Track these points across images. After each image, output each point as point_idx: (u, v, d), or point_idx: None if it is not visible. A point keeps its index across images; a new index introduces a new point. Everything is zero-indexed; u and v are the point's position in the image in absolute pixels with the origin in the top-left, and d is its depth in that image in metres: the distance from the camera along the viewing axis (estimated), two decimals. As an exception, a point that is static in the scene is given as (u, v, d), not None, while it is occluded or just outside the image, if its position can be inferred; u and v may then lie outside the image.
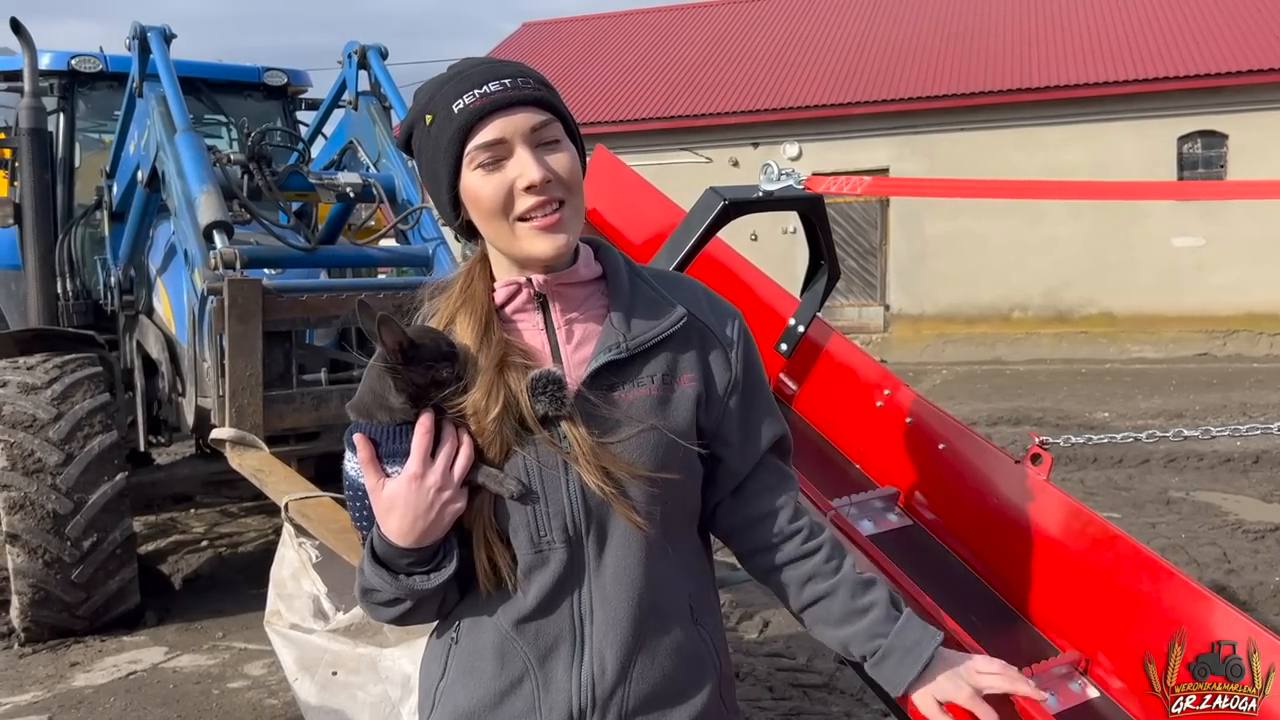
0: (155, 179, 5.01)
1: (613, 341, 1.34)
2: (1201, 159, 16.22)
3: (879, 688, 1.49)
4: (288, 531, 2.92)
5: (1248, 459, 8.07)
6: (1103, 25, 18.02)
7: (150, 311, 5.61)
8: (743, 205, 2.27)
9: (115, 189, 5.82)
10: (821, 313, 2.60)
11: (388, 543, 1.31)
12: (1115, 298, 16.39)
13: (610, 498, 1.31)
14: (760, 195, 2.30)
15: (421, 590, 1.32)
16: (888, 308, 17.90)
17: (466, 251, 1.54)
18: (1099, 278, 16.36)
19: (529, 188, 1.29)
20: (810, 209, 2.41)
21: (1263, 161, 15.31)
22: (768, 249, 12.94)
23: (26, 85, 5.61)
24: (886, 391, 2.37)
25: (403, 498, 1.28)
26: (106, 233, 6.02)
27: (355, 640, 2.57)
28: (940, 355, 16.70)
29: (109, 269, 5.97)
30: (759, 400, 1.46)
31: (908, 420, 2.29)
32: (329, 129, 6.06)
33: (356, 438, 1.31)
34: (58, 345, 5.40)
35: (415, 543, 1.30)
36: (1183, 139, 16.17)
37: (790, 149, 17.89)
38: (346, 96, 5.64)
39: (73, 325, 5.96)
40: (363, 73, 5.51)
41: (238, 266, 4.14)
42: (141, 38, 5.13)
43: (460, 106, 1.29)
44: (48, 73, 6.10)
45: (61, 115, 6.24)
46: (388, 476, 1.30)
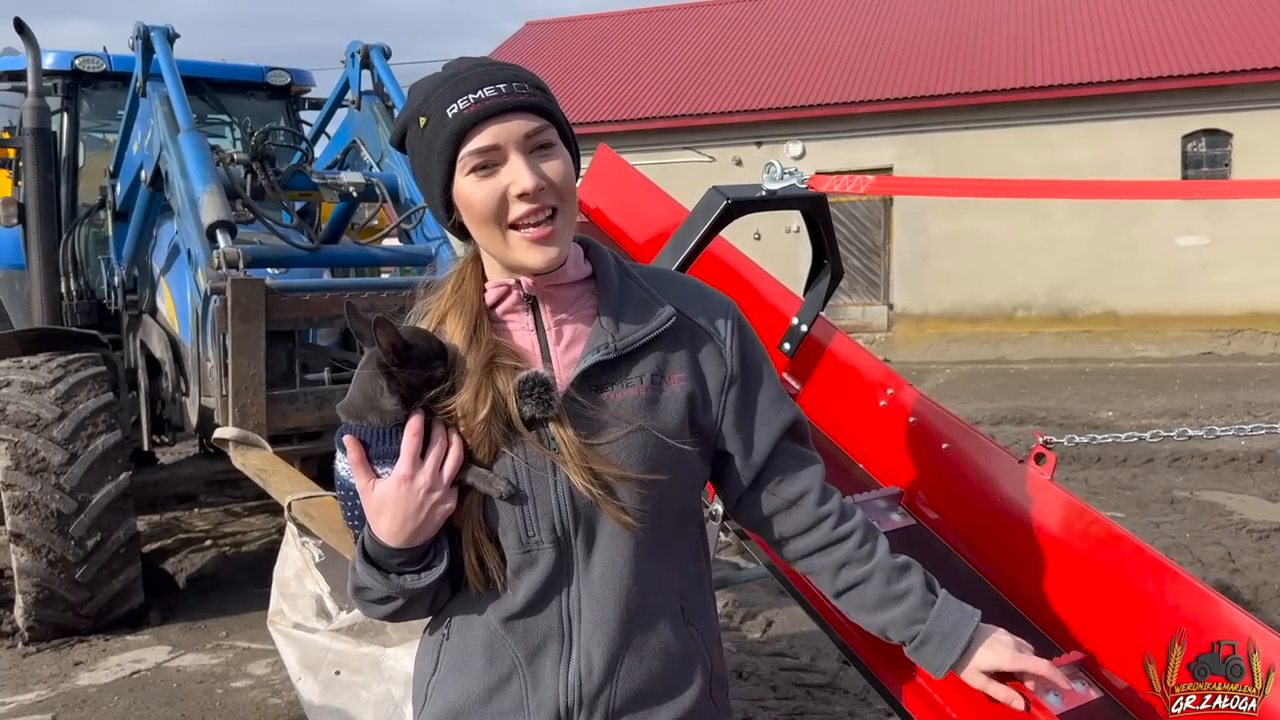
0: (159, 179, 5.02)
1: (601, 342, 1.34)
2: (1206, 158, 16.20)
3: (881, 688, 1.49)
4: (291, 531, 2.92)
5: (1252, 458, 8.06)
6: (1107, 24, 18.00)
7: (154, 311, 5.62)
8: (746, 204, 2.27)
9: (119, 189, 5.83)
10: (825, 312, 2.60)
11: (379, 543, 1.32)
12: (1119, 297, 16.37)
13: (598, 499, 1.31)
14: (763, 194, 2.29)
15: (412, 589, 1.33)
16: (891, 307, 17.88)
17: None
18: (1103, 277, 16.34)
19: (522, 195, 1.28)
20: (813, 208, 2.40)
21: (1267, 160, 15.29)
22: (771, 248, 12.94)
23: (30, 85, 5.62)
24: (890, 391, 2.36)
25: (393, 499, 1.29)
26: (110, 232, 6.04)
27: (358, 640, 2.56)
28: (944, 354, 16.68)
29: (113, 268, 5.98)
30: (761, 389, 1.44)
31: (911, 420, 2.28)
32: (332, 128, 6.07)
33: (347, 439, 1.32)
34: (62, 345, 5.41)
35: (406, 543, 1.30)
36: (1187, 138, 16.15)
37: (794, 148, 17.88)
38: (349, 96, 5.66)
39: (76, 325, 5.98)
40: (366, 72, 5.53)
41: (241, 266, 4.15)
42: (145, 37, 5.15)
43: (454, 111, 1.28)
44: (51, 72, 6.11)
45: (65, 115, 6.25)
46: (378, 477, 1.30)
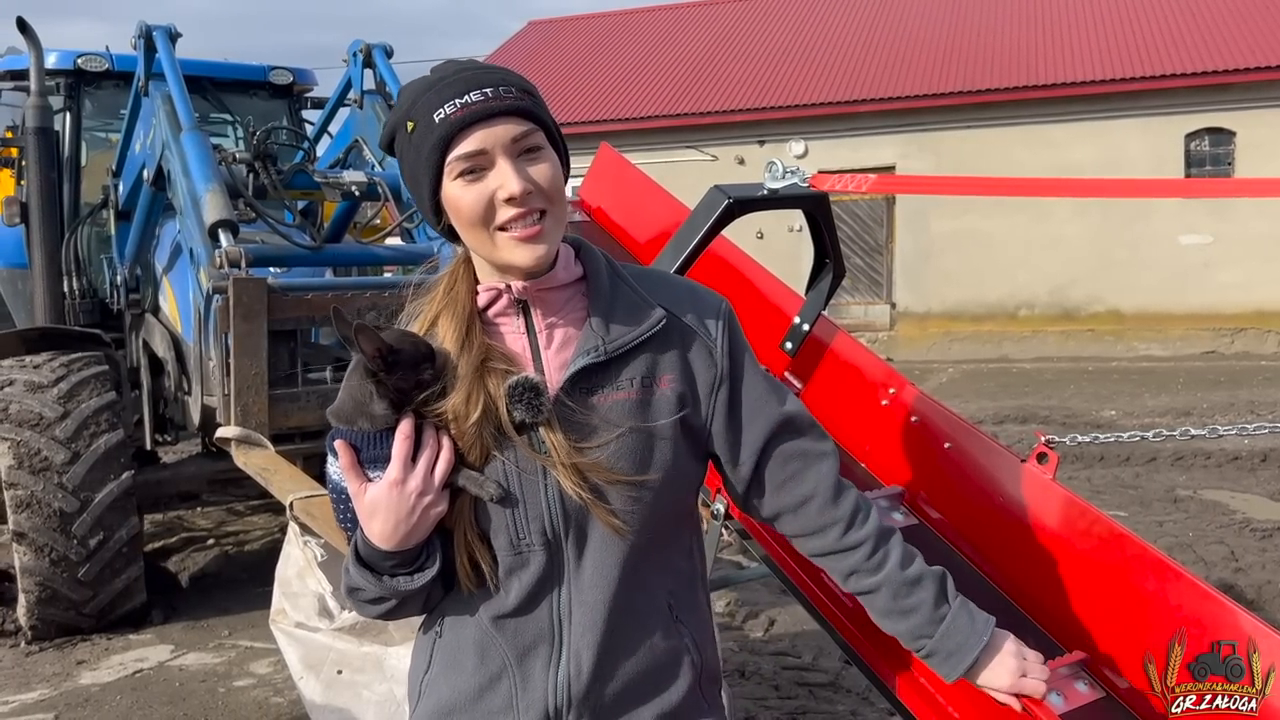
0: (161, 178, 5.02)
1: (591, 345, 1.34)
2: (1209, 156, 16.18)
3: (883, 687, 1.49)
4: (293, 530, 2.92)
5: (1255, 457, 8.04)
6: (1109, 23, 17.97)
7: (156, 310, 5.62)
8: (747, 203, 2.27)
9: (121, 188, 5.83)
10: (827, 311, 2.59)
11: (371, 545, 1.32)
12: (1122, 295, 16.35)
13: (588, 503, 1.31)
14: (765, 193, 2.29)
15: (405, 590, 1.34)
16: (893, 306, 17.87)
17: None
18: (1106, 275, 16.33)
19: (509, 199, 1.28)
20: (815, 207, 2.40)
21: (1270, 159, 15.27)
22: (773, 247, 12.91)
23: (33, 84, 5.63)
24: (892, 390, 2.36)
25: (384, 503, 1.29)
26: (112, 231, 6.04)
27: (360, 639, 2.56)
28: (946, 353, 16.66)
29: (115, 268, 5.99)
30: (751, 388, 1.43)
31: (913, 419, 2.28)
32: (334, 127, 6.07)
33: (338, 444, 1.32)
34: (64, 344, 5.41)
35: (398, 545, 1.31)
36: (1190, 136, 16.13)
37: (796, 147, 17.88)
38: (352, 95, 5.66)
39: (79, 324, 5.98)
40: (368, 71, 5.53)
41: (243, 265, 4.15)
42: (147, 37, 5.15)
43: (441, 116, 1.28)
44: (54, 72, 6.11)
45: (68, 114, 6.26)
46: (370, 481, 1.31)
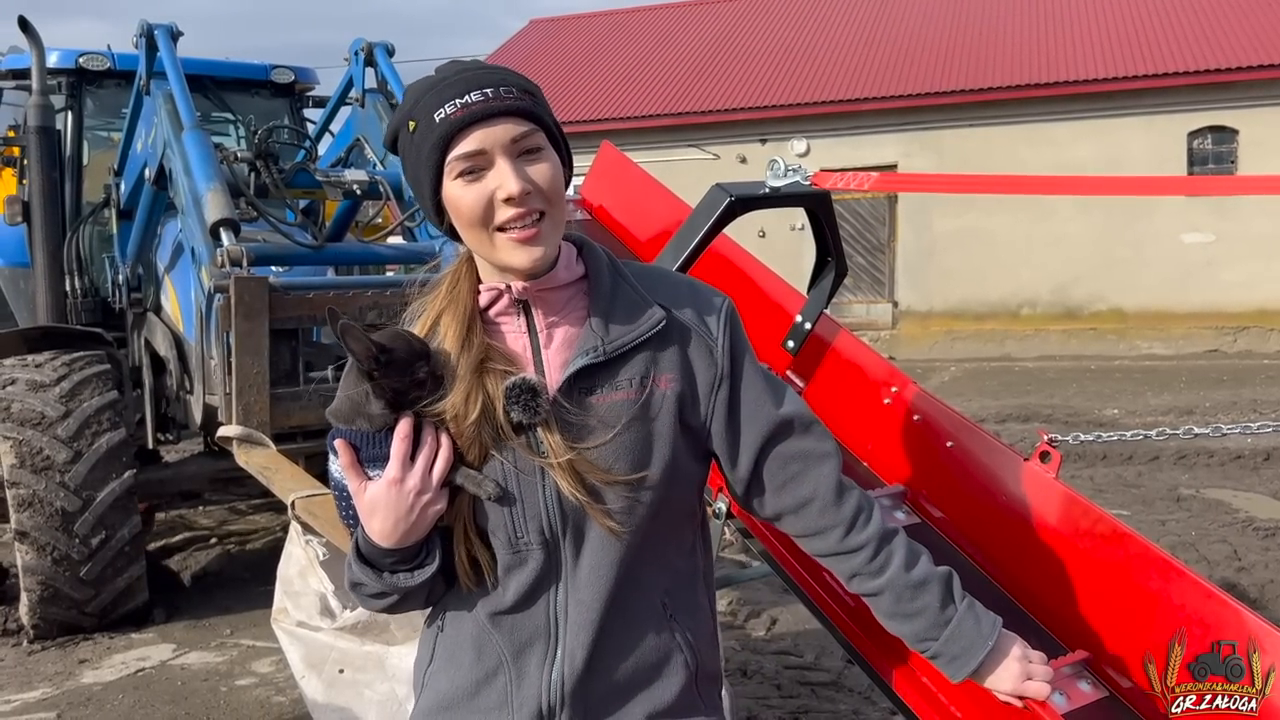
0: (162, 177, 5.02)
1: (590, 345, 1.34)
2: (1211, 154, 16.16)
3: (885, 686, 1.48)
4: (295, 529, 2.92)
5: (1258, 456, 8.03)
6: (1112, 21, 17.95)
7: (158, 309, 5.62)
8: (749, 202, 2.26)
9: (123, 187, 5.84)
10: (829, 309, 2.59)
11: (372, 543, 1.34)
12: (1125, 294, 16.34)
13: (584, 504, 1.31)
14: (767, 192, 2.29)
15: (405, 586, 1.36)
16: (896, 304, 17.86)
17: None
18: (1108, 274, 16.31)
19: (508, 200, 1.29)
20: (817, 205, 2.39)
21: (1273, 156, 15.24)
22: (775, 245, 12.89)
23: (35, 83, 5.63)
24: (894, 389, 2.35)
25: (384, 502, 1.30)
26: (114, 230, 6.05)
27: (362, 638, 2.56)
28: (948, 352, 16.65)
29: (117, 267, 5.99)
30: (751, 388, 1.43)
31: (915, 417, 2.28)
32: (336, 126, 6.07)
33: (338, 443, 1.33)
34: (66, 343, 5.40)
35: (398, 543, 1.32)
36: (1193, 134, 16.11)
37: (798, 145, 17.86)
38: (353, 94, 5.66)
39: (81, 323, 5.98)
40: (369, 70, 5.52)
41: (244, 264, 4.15)
42: (148, 36, 5.15)
43: (441, 116, 1.29)
44: (56, 71, 6.11)
45: (69, 113, 6.26)
46: (369, 479, 1.32)
